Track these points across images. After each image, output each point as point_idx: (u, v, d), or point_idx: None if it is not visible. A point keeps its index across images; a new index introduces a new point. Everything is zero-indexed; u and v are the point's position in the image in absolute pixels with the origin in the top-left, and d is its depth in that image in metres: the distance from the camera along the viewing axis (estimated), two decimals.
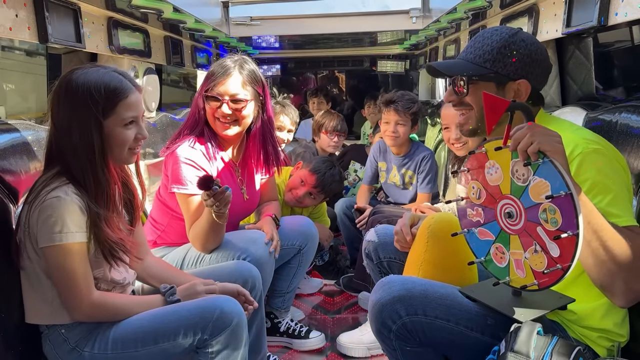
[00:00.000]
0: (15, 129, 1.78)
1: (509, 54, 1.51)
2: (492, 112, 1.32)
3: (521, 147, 1.25)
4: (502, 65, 1.52)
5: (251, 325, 1.95)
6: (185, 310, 1.60)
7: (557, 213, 1.22)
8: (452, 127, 2.61)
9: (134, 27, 2.83)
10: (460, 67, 1.57)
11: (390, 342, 1.53)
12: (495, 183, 1.38)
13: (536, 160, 1.24)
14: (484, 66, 1.53)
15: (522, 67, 1.52)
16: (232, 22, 3.96)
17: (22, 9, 1.87)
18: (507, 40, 1.52)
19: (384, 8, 3.97)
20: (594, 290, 1.32)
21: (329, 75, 6.60)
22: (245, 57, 2.23)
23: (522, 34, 1.55)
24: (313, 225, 2.51)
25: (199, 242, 2.06)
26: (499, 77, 1.52)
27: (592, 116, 1.92)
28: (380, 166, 3.35)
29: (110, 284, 1.63)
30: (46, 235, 1.46)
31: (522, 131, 1.26)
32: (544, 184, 1.24)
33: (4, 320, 1.49)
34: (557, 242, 1.23)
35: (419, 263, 1.73)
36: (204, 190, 1.85)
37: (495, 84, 1.53)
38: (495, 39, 1.53)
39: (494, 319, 1.45)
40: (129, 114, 1.57)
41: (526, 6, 2.47)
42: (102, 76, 1.54)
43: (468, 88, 1.55)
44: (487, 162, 1.39)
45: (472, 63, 1.55)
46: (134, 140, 1.61)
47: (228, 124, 2.17)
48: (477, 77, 1.54)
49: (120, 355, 1.56)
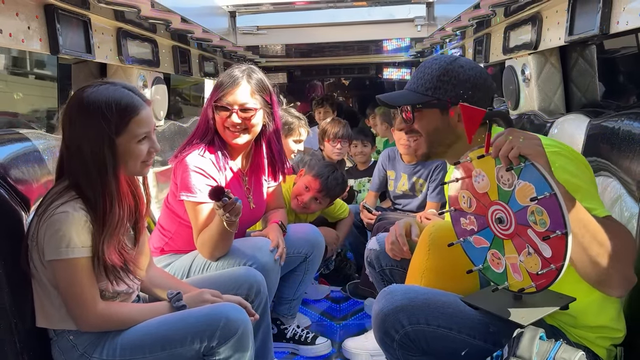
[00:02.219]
0: (26, 138, 1.81)
1: (448, 80, 1.59)
2: (470, 122, 1.37)
3: (502, 153, 1.28)
4: (443, 92, 1.60)
5: (257, 331, 1.97)
6: (192, 318, 1.62)
7: (544, 214, 1.24)
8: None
9: (143, 37, 2.87)
10: (404, 98, 1.66)
11: (393, 351, 1.55)
12: (483, 190, 1.40)
13: (518, 165, 1.27)
14: (426, 94, 1.61)
15: (463, 92, 1.58)
16: (239, 32, 4.00)
17: (34, 20, 1.91)
18: (446, 68, 1.60)
19: (389, 17, 4.00)
20: (584, 286, 1.34)
21: (335, 82, 6.62)
22: (252, 67, 2.27)
23: (461, 61, 1.63)
24: (319, 233, 2.53)
25: (207, 249, 2.08)
26: (441, 103, 1.60)
27: (595, 123, 1.93)
28: (388, 174, 3.35)
29: (114, 294, 1.65)
30: (53, 249, 1.49)
31: (502, 137, 1.29)
32: (528, 186, 1.26)
33: (16, 325, 1.52)
34: (547, 243, 1.25)
35: (421, 271, 1.74)
36: (214, 200, 1.88)
37: (439, 110, 1.61)
38: (435, 67, 1.62)
39: (496, 326, 1.46)
40: (141, 130, 1.59)
41: (530, 14, 2.49)
42: (113, 93, 1.56)
43: (414, 116, 1.63)
44: (473, 170, 1.41)
45: (415, 92, 1.63)
46: (148, 154, 1.63)
47: (238, 133, 2.20)
48: (420, 105, 1.62)
49: None
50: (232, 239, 2.09)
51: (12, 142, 1.76)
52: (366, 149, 3.90)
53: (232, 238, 2.09)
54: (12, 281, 1.53)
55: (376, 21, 4.05)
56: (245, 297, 1.91)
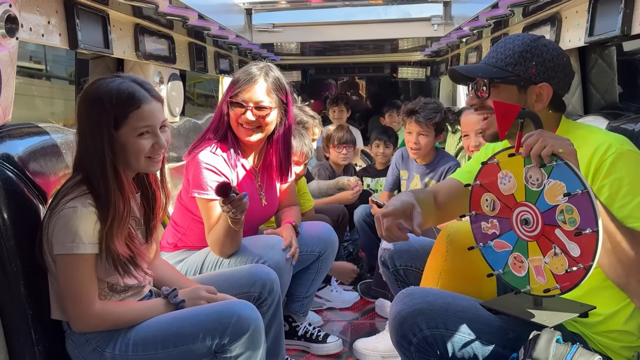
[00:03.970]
0: (45, 132, 1.83)
1: (531, 57, 1.52)
2: (503, 119, 1.34)
3: (534, 152, 1.26)
4: (524, 69, 1.52)
5: (270, 329, 1.97)
6: (204, 315, 1.63)
7: (574, 212, 1.23)
8: (471, 135, 2.61)
9: (160, 33, 2.88)
10: (482, 70, 1.58)
11: (410, 354, 1.53)
12: (509, 192, 1.38)
13: (550, 163, 1.25)
14: (506, 69, 1.54)
15: (544, 71, 1.52)
16: (255, 29, 4.01)
17: (53, 16, 1.93)
18: (529, 45, 1.53)
19: (405, 15, 3.98)
20: (621, 294, 1.33)
21: (349, 81, 6.61)
22: (270, 65, 2.27)
23: (544, 40, 1.56)
24: (333, 232, 2.52)
25: (217, 247, 2.09)
26: (520, 80, 1.53)
27: (614, 125, 1.90)
28: (401, 174, 3.33)
29: (125, 287, 1.65)
30: (60, 243, 1.50)
31: (533, 137, 1.28)
32: (559, 185, 1.25)
33: (33, 317, 1.54)
34: (577, 241, 1.23)
35: (438, 273, 1.73)
36: (221, 197, 1.88)
37: (517, 87, 1.54)
38: (517, 43, 1.55)
39: (515, 332, 1.44)
40: (141, 123, 1.56)
41: (549, 15, 2.46)
42: (118, 86, 1.55)
43: (490, 91, 1.55)
44: (500, 172, 1.40)
45: (494, 67, 1.56)
46: (152, 149, 1.60)
47: (251, 130, 2.21)
48: (498, 80, 1.55)
49: (141, 356, 1.59)
50: (240, 236, 2.09)
51: (30, 135, 1.78)
52: (388, 150, 3.88)
53: (241, 236, 2.09)
54: (29, 273, 1.55)
55: (392, 20, 4.03)
56: (259, 294, 1.91)
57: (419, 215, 1.53)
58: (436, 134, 3.02)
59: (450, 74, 1.69)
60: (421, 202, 1.64)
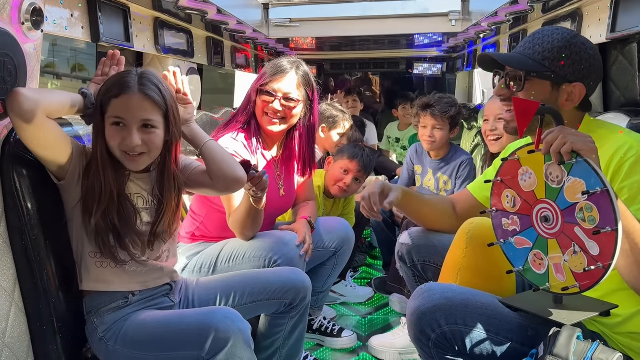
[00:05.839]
0: (68, 123, 1.85)
1: (569, 55, 1.50)
2: (522, 115, 1.33)
3: (554, 148, 1.26)
4: (561, 66, 1.50)
5: (294, 331, 1.98)
6: (184, 324, 1.60)
7: (594, 210, 1.22)
8: (490, 120, 2.62)
9: (179, 27, 2.90)
10: (519, 61, 1.55)
11: (428, 350, 1.53)
12: (530, 189, 1.38)
13: (570, 160, 1.24)
14: (543, 64, 1.51)
15: (581, 71, 1.50)
16: (272, 24, 4.02)
17: (76, 9, 1.95)
18: (569, 42, 1.50)
19: (423, 11, 3.96)
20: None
21: (362, 77, 6.61)
22: (300, 60, 2.32)
23: (582, 38, 1.54)
24: (349, 228, 2.53)
25: (239, 228, 2.11)
26: (556, 77, 1.51)
27: (635, 122, 1.89)
28: (416, 169, 3.34)
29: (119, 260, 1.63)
30: None
31: (554, 133, 1.27)
32: (579, 182, 1.24)
33: (55, 305, 1.58)
34: (596, 239, 1.22)
35: (457, 269, 1.71)
36: None
37: (551, 84, 1.52)
38: (557, 37, 1.52)
39: (534, 330, 1.44)
40: (114, 113, 1.56)
41: (569, 10, 2.44)
42: (118, 75, 1.63)
43: (524, 84, 1.53)
44: (520, 169, 1.40)
45: (530, 59, 1.53)
46: (123, 143, 1.56)
47: (276, 120, 2.24)
48: (535, 74, 1.52)
49: (135, 355, 1.61)
50: (261, 218, 2.09)
51: None
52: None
53: (261, 217, 2.09)
54: (53, 261, 1.58)
55: (409, 15, 4.02)
56: (291, 301, 1.89)
57: (392, 195, 1.86)
58: (451, 128, 3.04)
59: (481, 59, 1.65)
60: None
